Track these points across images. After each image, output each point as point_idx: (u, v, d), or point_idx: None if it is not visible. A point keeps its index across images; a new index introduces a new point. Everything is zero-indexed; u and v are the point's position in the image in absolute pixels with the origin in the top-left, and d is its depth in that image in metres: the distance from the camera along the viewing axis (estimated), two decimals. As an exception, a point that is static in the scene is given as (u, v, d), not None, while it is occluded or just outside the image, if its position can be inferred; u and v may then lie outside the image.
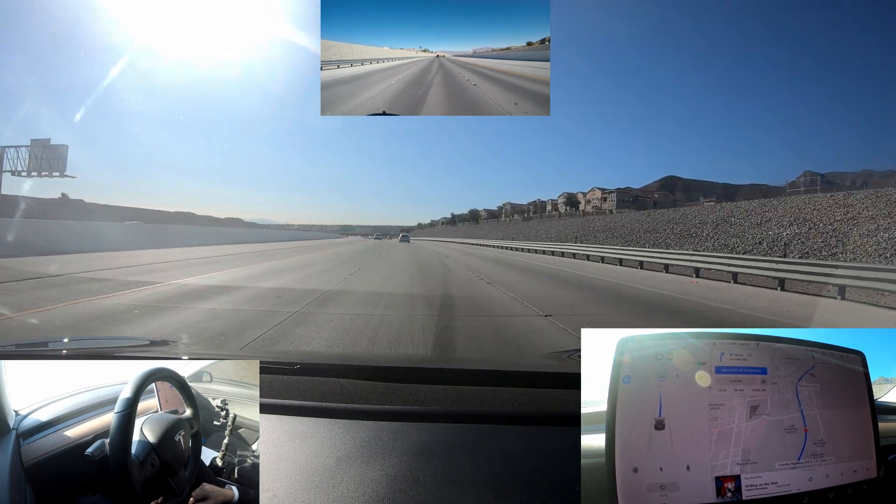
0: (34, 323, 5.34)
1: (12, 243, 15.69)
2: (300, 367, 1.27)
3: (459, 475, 0.87)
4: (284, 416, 1.03)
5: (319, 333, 5.02)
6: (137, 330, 5.08)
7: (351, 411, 1.06)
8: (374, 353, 4.29)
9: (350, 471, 0.87)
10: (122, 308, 6.33)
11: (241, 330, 5.10)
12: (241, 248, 27.30)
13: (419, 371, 1.43)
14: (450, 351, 4.48)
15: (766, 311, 7.65)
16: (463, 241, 57.72)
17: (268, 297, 7.68)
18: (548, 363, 1.87)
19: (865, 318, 7.29)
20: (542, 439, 1.00)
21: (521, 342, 4.86)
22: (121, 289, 8.01)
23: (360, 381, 1.20)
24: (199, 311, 6.21)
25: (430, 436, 0.99)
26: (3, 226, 17.29)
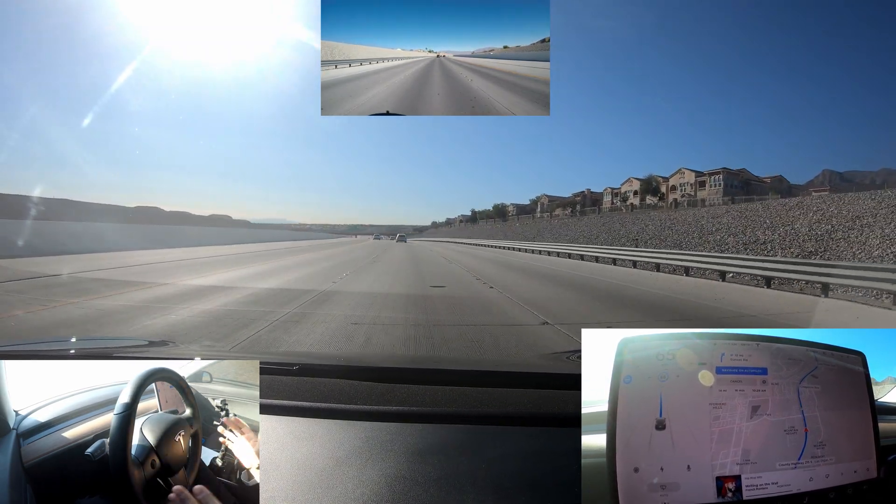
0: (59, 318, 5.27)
1: (14, 244, 15.66)
2: (299, 367, 1.27)
3: (459, 476, 0.87)
4: (284, 417, 1.03)
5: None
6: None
7: (350, 412, 1.06)
8: (373, 353, 4.28)
9: (349, 471, 0.87)
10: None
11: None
12: (225, 249, 24.75)
13: (418, 372, 1.43)
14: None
15: None
16: (482, 244, 44.53)
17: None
18: (548, 364, 1.87)
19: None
20: (543, 440, 1.00)
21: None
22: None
23: (360, 382, 1.20)
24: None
25: (430, 437, 0.99)
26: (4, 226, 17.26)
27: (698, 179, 49.60)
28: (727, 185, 46.40)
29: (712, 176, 48.68)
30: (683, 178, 51.95)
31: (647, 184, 52.93)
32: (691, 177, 51.04)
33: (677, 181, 52.21)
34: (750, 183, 46.73)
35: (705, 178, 49.07)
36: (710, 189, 46.79)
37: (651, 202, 49.62)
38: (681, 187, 51.01)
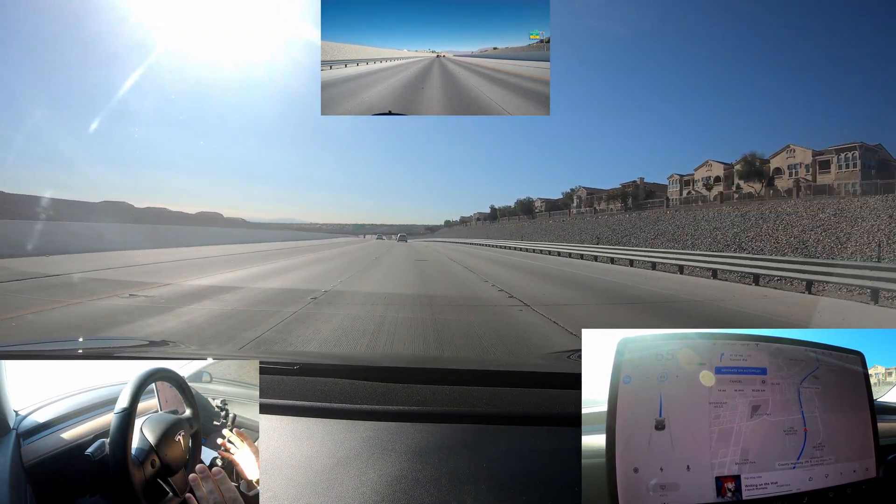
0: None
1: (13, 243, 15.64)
2: (300, 367, 1.27)
3: (459, 476, 0.87)
4: (284, 417, 1.03)
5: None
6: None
7: (350, 411, 1.06)
8: (373, 353, 4.29)
9: (350, 471, 0.87)
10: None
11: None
12: (209, 250, 22.59)
13: (419, 371, 1.43)
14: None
15: None
16: (504, 245, 37.03)
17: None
18: (548, 363, 1.87)
19: None
20: (543, 440, 1.00)
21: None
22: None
23: (360, 382, 1.20)
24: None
25: (430, 436, 0.99)
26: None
27: (817, 159, 35.61)
28: (865, 166, 32.85)
29: (842, 154, 34.27)
30: (794, 158, 37.10)
31: (748, 165, 37.97)
32: (805, 155, 36.39)
33: (783, 162, 37.68)
34: (890, 164, 33.15)
35: (829, 156, 35.02)
36: (839, 172, 33.81)
37: (751, 190, 36.70)
38: (789, 170, 36.93)
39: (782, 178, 37.09)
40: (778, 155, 38.44)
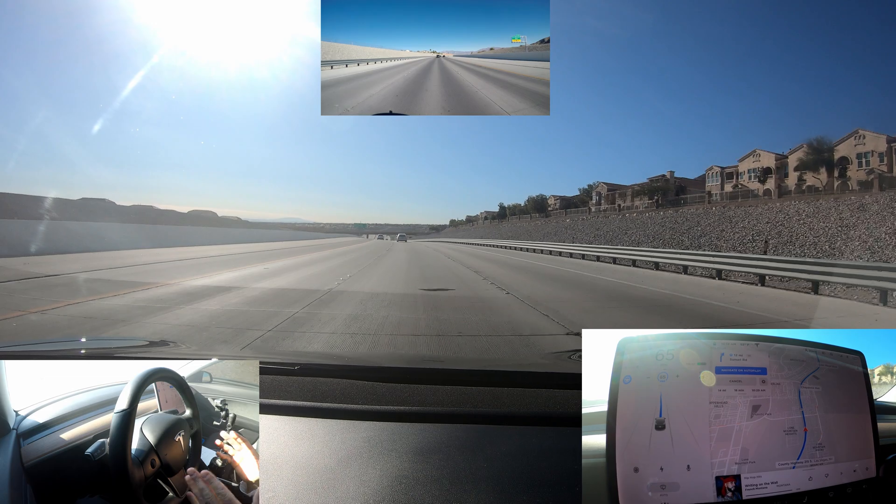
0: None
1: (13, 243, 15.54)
2: (300, 367, 1.27)
3: (460, 476, 0.87)
4: (284, 417, 1.03)
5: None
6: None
7: (351, 412, 1.06)
8: (374, 353, 4.28)
9: (350, 471, 0.87)
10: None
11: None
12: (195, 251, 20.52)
13: (419, 371, 1.43)
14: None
15: None
16: (518, 246, 33.76)
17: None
18: (548, 363, 1.87)
19: None
20: (543, 439, 1.00)
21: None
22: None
23: (360, 382, 1.20)
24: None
25: (431, 436, 0.99)
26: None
27: (893, 146, 29.19)
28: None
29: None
30: (864, 146, 30.83)
31: (814, 153, 32.68)
32: (878, 142, 30.03)
33: (850, 150, 31.42)
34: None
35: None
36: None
37: (816, 182, 31.53)
38: (860, 159, 30.80)
39: (851, 167, 31.02)
40: (843, 142, 32.10)
